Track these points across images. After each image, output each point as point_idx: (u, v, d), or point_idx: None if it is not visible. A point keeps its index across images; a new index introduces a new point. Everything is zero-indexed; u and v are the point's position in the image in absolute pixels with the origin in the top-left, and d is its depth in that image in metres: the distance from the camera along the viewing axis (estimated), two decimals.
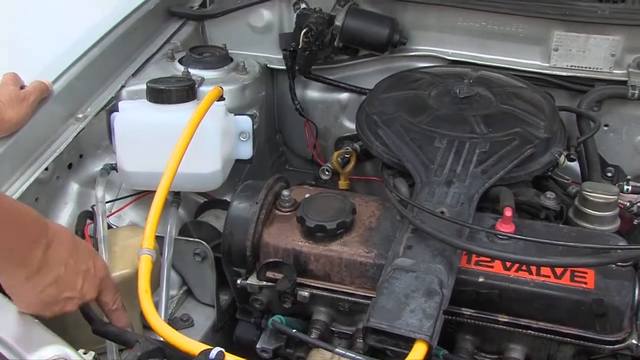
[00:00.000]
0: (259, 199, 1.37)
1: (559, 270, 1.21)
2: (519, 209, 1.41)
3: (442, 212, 1.28)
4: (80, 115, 1.60)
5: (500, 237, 1.25)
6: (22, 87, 1.49)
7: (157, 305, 1.28)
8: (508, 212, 1.25)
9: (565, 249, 1.21)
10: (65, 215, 1.59)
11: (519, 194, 1.42)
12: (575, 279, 1.20)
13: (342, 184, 1.76)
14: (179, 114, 1.47)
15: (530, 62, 1.84)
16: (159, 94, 1.51)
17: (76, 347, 1.09)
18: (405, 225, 1.28)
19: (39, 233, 1.09)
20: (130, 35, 1.81)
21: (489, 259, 1.24)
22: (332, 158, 1.74)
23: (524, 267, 1.22)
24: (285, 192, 1.39)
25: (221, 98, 1.56)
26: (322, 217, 1.32)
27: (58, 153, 1.51)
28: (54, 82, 1.58)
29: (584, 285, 1.20)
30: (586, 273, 1.21)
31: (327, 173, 1.72)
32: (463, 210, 1.30)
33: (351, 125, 2.01)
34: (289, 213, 1.38)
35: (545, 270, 1.22)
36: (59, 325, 1.17)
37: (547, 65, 1.83)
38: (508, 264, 1.23)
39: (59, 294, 1.13)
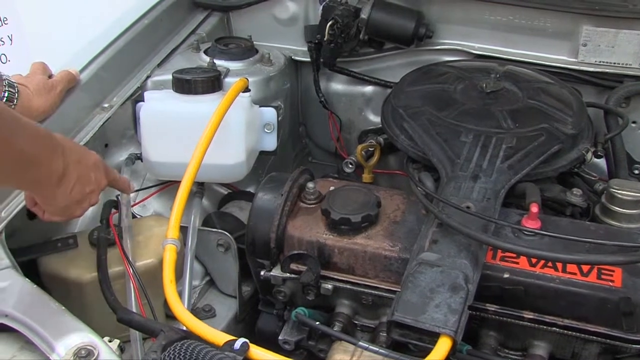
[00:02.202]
0: (284, 191, 1.38)
1: (585, 268, 1.21)
2: (544, 205, 1.40)
3: (468, 207, 1.27)
4: (106, 105, 1.62)
5: (526, 233, 1.24)
6: (50, 77, 1.50)
7: (180, 295, 1.29)
8: (534, 208, 1.25)
9: (591, 246, 1.19)
10: None
11: (545, 190, 1.41)
12: (602, 276, 1.20)
13: (366, 177, 1.76)
14: (205, 104, 1.48)
15: (558, 57, 1.83)
16: (184, 85, 1.52)
17: (101, 335, 1.11)
18: (431, 219, 1.28)
19: (53, 142, 1.16)
20: (156, 25, 1.82)
21: (514, 255, 1.23)
22: (355, 151, 1.73)
23: (549, 264, 1.22)
24: (310, 185, 1.39)
25: (246, 89, 1.57)
26: (347, 210, 1.32)
27: (84, 142, 1.52)
28: (81, 71, 1.59)
29: (610, 283, 1.19)
30: (613, 271, 1.20)
31: (350, 166, 1.71)
32: (489, 205, 1.29)
33: (375, 119, 2.01)
34: (313, 205, 1.39)
35: (571, 268, 1.21)
36: (84, 314, 1.19)
37: (575, 60, 1.81)
38: (534, 260, 1.22)
39: (84, 190, 1.23)
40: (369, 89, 2.01)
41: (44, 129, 1.16)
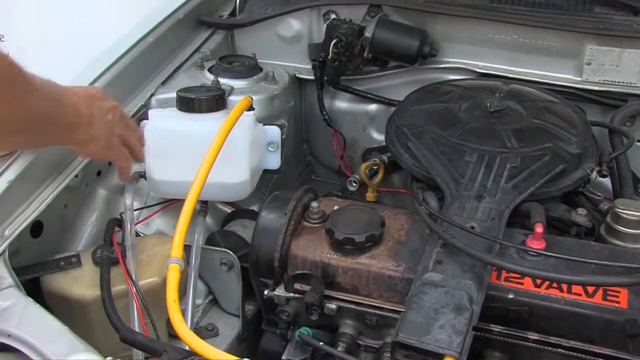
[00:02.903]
0: (288, 210, 1.38)
1: (590, 289, 1.21)
2: (549, 225, 1.40)
3: (473, 227, 1.28)
4: None
5: (531, 253, 1.25)
6: None
7: (183, 314, 1.29)
8: (539, 229, 1.25)
9: (597, 267, 1.20)
10: (93, 222, 1.61)
11: (550, 210, 1.42)
12: (608, 297, 1.20)
13: (370, 195, 1.76)
14: (209, 123, 1.49)
15: (562, 76, 1.84)
16: (189, 103, 1.53)
17: (104, 355, 1.11)
18: (435, 239, 1.28)
19: (73, 96, 1.31)
20: (160, 43, 1.83)
21: (519, 276, 1.24)
22: (359, 169, 1.74)
23: (554, 285, 1.22)
24: (314, 204, 1.40)
25: (251, 108, 1.58)
26: (351, 230, 1.32)
27: (88, 160, 1.53)
28: None
29: (616, 305, 1.19)
30: (619, 292, 1.20)
31: (354, 184, 1.72)
32: (493, 225, 1.30)
33: (379, 137, 2.02)
34: (317, 225, 1.39)
35: (576, 288, 1.21)
36: (87, 333, 1.20)
37: (580, 79, 1.82)
38: (538, 281, 1.22)
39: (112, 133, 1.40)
40: (372, 107, 2.03)
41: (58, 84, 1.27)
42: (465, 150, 1.48)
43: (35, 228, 1.43)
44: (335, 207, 1.41)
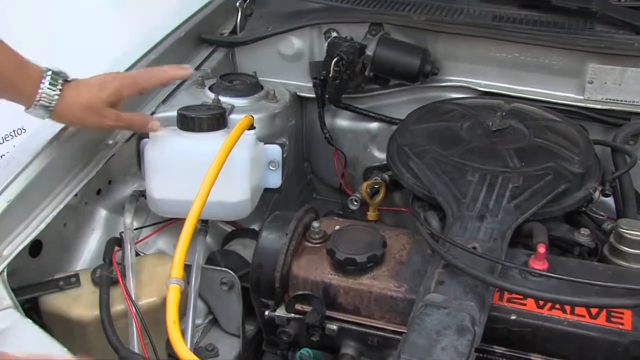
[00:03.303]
0: (289, 230, 1.39)
1: (594, 310, 1.21)
2: (552, 245, 1.40)
3: (475, 248, 1.28)
4: (111, 142, 1.63)
5: (534, 274, 1.25)
6: None
7: (183, 334, 1.29)
8: (541, 249, 1.25)
9: (600, 288, 1.20)
10: (92, 241, 1.61)
11: (552, 230, 1.42)
12: (612, 319, 1.20)
13: (371, 215, 1.77)
14: (210, 142, 1.49)
15: (565, 94, 1.84)
16: (189, 122, 1.53)
17: None
18: (437, 260, 1.28)
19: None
20: (161, 61, 1.84)
21: (521, 297, 1.24)
22: (360, 188, 1.75)
23: (557, 306, 1.22)
24: (315, 224, 1.40)
25: (251, 127, 1.58)
26: (352, 250, 1.32)
27: (88, 179, 1.54)
28: None
29: (620, 326, 1.19)
30: (623, 313, 1.20)
31: (355, 203, 1.72)
32: (496, 246, 1.30)
33: (380, 155, 2.02)
34: (318, 245, 1.40)
35: (580, 310, 1.21)
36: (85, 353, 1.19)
37: (582, 98, 1.83)
38: (541, 302, 1.23)
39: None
40: (374, 125, 2.03)
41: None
42: (467, 169, 1.48)
43: (34, 247, 1.43)
44: (337, 227, 1.41)
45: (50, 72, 1.36)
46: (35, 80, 1.34)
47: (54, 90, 1.36)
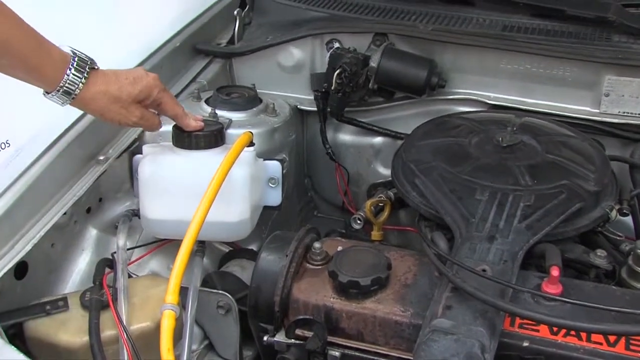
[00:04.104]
0: (289, 251, 1.39)
1: (612, 337, 1.20)
2: (566, 267, 1.40)
3: (484, 270, 1.29)
4: (102, 158, 1.64)
5: (547, 298, 1.25)
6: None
7: None
8: (555, 272, 1.25)
9: (619, 313, 1.20)
10: (82, 262, 1.62)
11: (566, 251, 1.42)
12: (631, 347, 1.19)
13: (375, 234, 1.77)
14: (207, 160, 1.50)
15: (579, 107, 1.85)
16: (185, 139, 1.54)
17: None
18: (445, 283, 1.29)
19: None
20: (155, 72, 1.83)
21: (534, 323, 1.24)
22: (364, 206, 1.75)
23: (572, 332, 1.22)
24: (317, 245, 1.41)
25: (251, 143, 1.59)
26: (355, 273, 1.33)
27: (78, 197, 1.55)
28: (75, 122, 1.61)
29: None
30: None
31: (359, 222, 1.73)
32: (506, 268, 1.30)
33: (385, 171, 2.03)
34: (320, 267, 1.40)
35: (596, 337, 1.21)
36: None
37: (597, 111, 1.84)
38: (555, 329, 1.23)
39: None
40: (378, 140, 2.05)
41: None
42: (475, 187, 1.49)
43: (20, 269, 1.43)
44: (339, 248, 1.41)
45: (76, 58, 1.36)
46: (59, 64, 1.34)
47: (80, 77, 1.35)
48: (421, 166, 1.58)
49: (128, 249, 1.59)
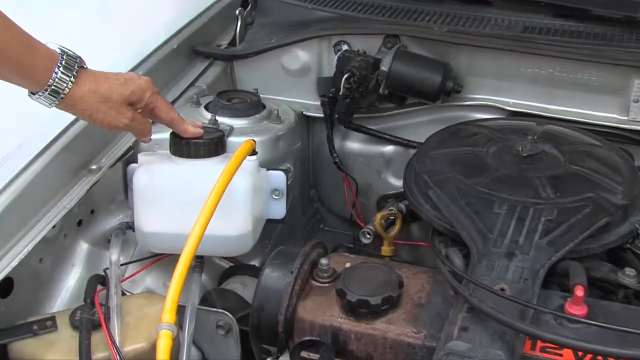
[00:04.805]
0: (294, 267, 1.40)
1: None
2: (591, 287, 1.40)
3: (503, 290, 1.28)
4: (94, 167, 1.65)
5: (571, 320, 1.25)
6: None
7: None
8: (579, 292, 1.25)
9: None
10: (72, 279, 1.63)
11: (592, 270, 1.42)
12: None
13: (386, 249, 1.78)
14: (207, 169, 1.50)
15: (606, 114, 1.85)
16: (184, 147, 1.55)
17: None
18: (460, 303, 1.29)
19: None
20: (151, 76, 1.83)
21: (557, 346, 1.24)
22: (374, 219, 1.76)
23: (599, 357, 1.22)
24: (324, 261, 1.41)
25: (253, 152, 1.60)
26: (365, 291, 1.33)
27: (68, 209, 1.55)
28: (66, 129, 1.62)
29: None
30: None
31: (368, 236, 1.73)
32: (526, 287, 1.30)
33: (396, 182, 2.04)
34: (327, 285, 1.40)
35: None
36: None
37: (626, 118, 1.84)
38: (580, 353, 1.22)
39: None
40: (389, 148, 2.05)
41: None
42: (493, 200, 1.49)
43: (5, 286, 1.43)
44: (347, 265, 1.42)
45: (64, 55, 1.37)
46: (47, 63, 1.35)
47: (69, 76, 1.36)
48: (435, 177, 1.59)
49: (122, 265, 1.59)
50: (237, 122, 1.76)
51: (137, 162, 1.62)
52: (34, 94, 1.37)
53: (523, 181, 1.55)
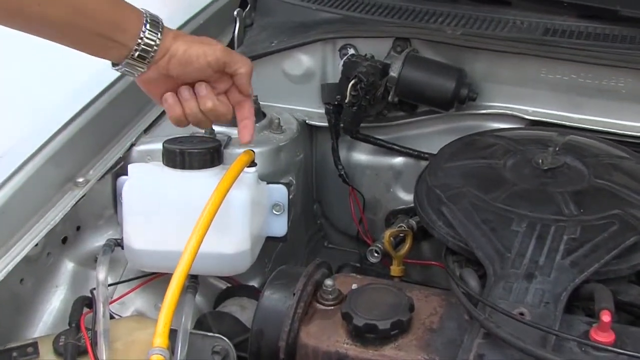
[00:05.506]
0: (297, 289, 1.40)
1: None
2: (619, 311, 1.40)
3: (522, 314, 1.28)
4: (81, 180, 1.65)
5: (597, 348, 1.25)
6: None
7: None
8: (606, 317, 1.25)
9: None
10: (56, 301, 1.63)
11: (619, 293, 1.41)
12: None
13: (395, 269, 1.78)
14: (202, 182, 1.51)
15: (634, 124, 1.84)
16: (177, 158, 1.55)
17: None
18: (476, 328, 1.29)
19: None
20: None
21: None
22: (382, 237, 1.76)
23: None
24: (328, 282, 1.41)
25: (252, 163, 1.60)
26: (373, 315, 1.33)
27: (52, 225, 1.55)
28: (50, 139, 1.61)
29: None
30: None
31: (376, 255, 1.74)
32: (548, 311, 1.30)
33: (406, 197, 2.03)
34: (332, 307, 1.40)
35: None
36: None
37: None
38: None
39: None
40: (398, 160, 2.05)
41: None
42: (512, 217, 1.49)
43: None
44: (354, 286, 1.42)
45: (148, 13, 1.41)
46: (135, 21, 1.39)
47: (156, 33, 1.41)
48: (449, 192, 1.59)
49: (110, 285, 1.60)
50: (235, 132, 1.76)
51: (127, 175, 1.62)
52: (118, 64, 1.41)
53: (544, 196, 1.55)
